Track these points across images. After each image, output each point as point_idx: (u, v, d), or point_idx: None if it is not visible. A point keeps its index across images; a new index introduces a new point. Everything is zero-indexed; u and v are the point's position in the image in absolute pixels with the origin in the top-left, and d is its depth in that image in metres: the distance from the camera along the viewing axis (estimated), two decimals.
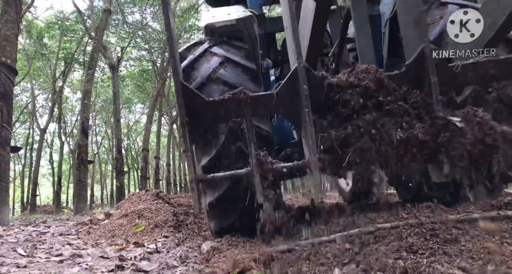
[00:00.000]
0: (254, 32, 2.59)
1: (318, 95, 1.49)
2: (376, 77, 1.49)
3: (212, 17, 2.55)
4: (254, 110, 1.57)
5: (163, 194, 4.63)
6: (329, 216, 2.54)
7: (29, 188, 21.54)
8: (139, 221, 3.64)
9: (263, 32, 3.58)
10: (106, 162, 35.59)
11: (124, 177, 16.39)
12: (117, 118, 14.64)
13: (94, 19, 14.21)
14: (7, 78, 5.57)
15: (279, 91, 1.53)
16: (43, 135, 20.56)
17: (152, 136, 24.59)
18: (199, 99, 1.52)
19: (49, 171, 33.14)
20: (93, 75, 12.33)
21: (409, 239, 1.54)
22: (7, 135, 5.49)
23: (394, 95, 1.49)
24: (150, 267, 1.90)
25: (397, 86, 1.51)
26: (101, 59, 18.10)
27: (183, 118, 1.44)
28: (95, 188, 35.14)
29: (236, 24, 2.48)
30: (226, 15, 2.54)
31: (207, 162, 2.18)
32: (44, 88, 23.81)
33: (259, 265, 1.55)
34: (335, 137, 1.45)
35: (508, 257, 1.31)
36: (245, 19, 2.49)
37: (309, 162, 1.47)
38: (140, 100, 28.69)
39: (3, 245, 2.71)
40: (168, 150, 23.68)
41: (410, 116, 1.45)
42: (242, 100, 1.51)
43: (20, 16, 6.75)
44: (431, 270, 1.23)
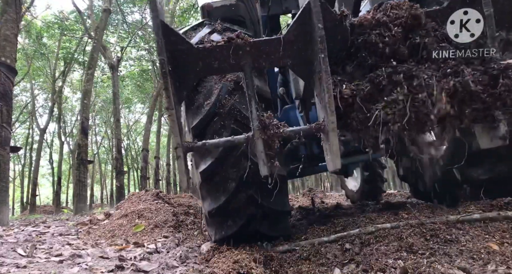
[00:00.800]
0: (256, 14, 2.30)
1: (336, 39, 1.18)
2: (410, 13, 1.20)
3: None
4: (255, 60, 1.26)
5: (163, 194, 4.63)
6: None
7: (29, 188, 21.52)
8: (139, 221, 3.64)
9: (266, 14, 3.25)
10: (106, 162, 35.58)
11: (124, 177, 16.38)
12: (117, 118, 14.64)
13: (93, 19, 14.20)
14: (6, 78, 5.57)
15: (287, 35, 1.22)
16: (42, 135, 20.55)
17: (152, 136, 24.60)
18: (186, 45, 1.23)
19: (48, 171, 33.16)
20: (93, 75, 12.33)
21: (409, 239, 1.54)
22: (6, 135, 5.49)
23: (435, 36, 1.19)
24: (150, 267, 1.90)
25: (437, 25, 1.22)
26: (101, 59, 18.09)
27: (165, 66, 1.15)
28: (95, 188, 35.13)
29: (236, 5, 2.19)
30: None
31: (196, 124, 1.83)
32: (44, 88, 23.80)
33: (259, 265, 1.55)
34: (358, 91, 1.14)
35: (508, 257, 1.31)
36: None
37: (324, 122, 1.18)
38: (140, 100, 28.68)
39: (2, 245, 2.71)
40: (168, 150, 23.65)
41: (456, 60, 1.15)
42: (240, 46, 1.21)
43: (19, 16, 6.74)
44: (431, 270, 1.23)
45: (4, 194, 5.35)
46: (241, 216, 1.92)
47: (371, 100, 1.16)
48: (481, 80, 1.10)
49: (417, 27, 1.22)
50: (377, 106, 1.15)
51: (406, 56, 1.21)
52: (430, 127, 1.16)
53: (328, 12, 1.16)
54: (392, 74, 1.15)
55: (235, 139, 1.29)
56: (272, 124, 1.24)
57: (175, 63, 1.22)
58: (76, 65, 20.53)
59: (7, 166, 5.53)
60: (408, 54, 1.21)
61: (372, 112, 1.14)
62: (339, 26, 1.21)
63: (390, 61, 1.19)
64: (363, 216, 2.33)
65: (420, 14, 1.22)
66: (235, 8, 2.21)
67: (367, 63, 1.22)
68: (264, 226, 2.00)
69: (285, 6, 3.46)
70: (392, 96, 1.14)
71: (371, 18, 1.24)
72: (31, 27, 17.58)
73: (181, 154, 1.21)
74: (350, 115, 1.18)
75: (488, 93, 1.10)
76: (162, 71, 1.18)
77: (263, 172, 1.25)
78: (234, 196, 1.82)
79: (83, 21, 15.27)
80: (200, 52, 1.25)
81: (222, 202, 1.85)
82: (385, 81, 1.15)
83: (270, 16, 3.31)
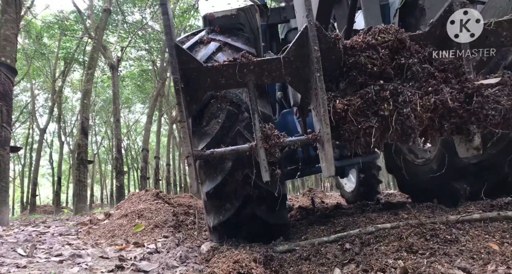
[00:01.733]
0: (256, 23, 2.44)
1: (330, 60, 1.33)
2: (396, 37, 1.34)
3: (212, 7, 2.41)
4: (258, 77, 1.41)
5: (163, 194, 4.63)
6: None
7: (29, 188, 21.54)
8: (139, 221, 3.64)
9: (265, 23, 3.43)
10: (106, 162, 35.60)
11: (124, 177, 16.38)
12: (117, 118, 14.64)
13: (93, 19, 14.20)
14: (6, 78, 5.57)
15: (286, 56, 1.37)
16: (42, 135, 20.55)
17: (152, 136, 24.61)
18: (196, 63, 1.38)
19: (48, 171, 33.20)
20: (93, 75, 12.33)
21: (409, 239, 1.54)
22: (6, 135, 5.49)
23: (418, 57, 1.33)
24: (150, 267, 1.90)
25: (420, 47, 1.35)
26: (101, 59, 18.10)
27: (178, 84, 1.29)
28: (95, 188, 35.15)
29: (236, 14, 2.35)
30: (226, 4, 2.40)
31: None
32: (44, 88, 23.81)
33: (259, 265, 1.55)
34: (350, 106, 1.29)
35: (508, 257, 1.31)
36: (247, 9, 2.36)
37: (320, 133, 1.32)
38: (140, 100, 28.70)
39: (3, 245, 2.71)
40: (168, 150, 23.67)
41: (436, 80, 1.28)
42: (245, 65, 1.36)
43: (19, 16, 6.75)
44: (431, 270, 1.23)
45: (4, 194, 5.35)
46: (238, 197, 1.98)
47: (361, 114, 1.30)
48: (458, 97, 1.24)
49: (402, 49, 1.35)
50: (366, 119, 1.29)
51: (392, 75, 1.34)
52: (413, 138, 1.29)
53: (323, 35, 1.29)
54: (380, 91, 1.28)
55: (239, 148, 1.44)
56: (273, 134, 1.39)
57: (186, 80, 1.36)
58: (76, 65, 20.54)
59: (7, 166, 5.53)
60: (394, 74, 1.34)
61: (362, 124, 1.28)
62: (333, 48, 1.34)
63: (378, 80, 1.32)
64: (363, 216, 2.33)
65: (405, 38, 1.35)
66: (235, 18, 2.36)
67: (357, 81, 1.35)
68: (261, 210, 2.04)
69: (283, 16, 3.65)
70: (380, 110, 1.27)
71: (361, 41, 1.37)
72: (31, 27, 17.59)
73: (192, 162, 1.34)
74: (343, 127, 1.31)
75: (464, 109, 1.24)
76: (176, 88, 1.30)
77: (265, 178, 1.37)
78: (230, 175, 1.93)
79: (83, 21, 15.28)
80: (209, 70, 1.39)
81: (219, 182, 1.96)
82: (373, 97, 1.29)
83: (269, 25, 3.50)
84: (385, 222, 2.04)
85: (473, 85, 1.25)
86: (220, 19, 2.37)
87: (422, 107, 1.23)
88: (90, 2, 14.93)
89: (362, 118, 1.29)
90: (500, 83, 1.23)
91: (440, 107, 1.23)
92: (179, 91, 1.28)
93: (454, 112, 1.25)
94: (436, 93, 1.26)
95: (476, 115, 1.23)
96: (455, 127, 1.28)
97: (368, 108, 1.29)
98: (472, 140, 1.26)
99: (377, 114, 1.28)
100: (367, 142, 1.30)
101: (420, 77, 1.30)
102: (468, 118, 1.24)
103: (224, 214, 2.04)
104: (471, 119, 1.24)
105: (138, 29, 17.90)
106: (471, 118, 1.24)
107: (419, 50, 1.36)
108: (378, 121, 1.28)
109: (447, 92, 1.24)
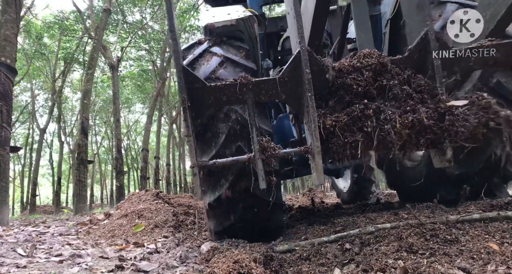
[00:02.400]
0: (254, 32, 2.58)
1: (321, 80, 1.49)
2: (379, 61, 1.49)
3: (212, 17, 2.53)
4: (256, 95, 1.57)
5: (163, 194, 4.63)
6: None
7: (29, 188, 21.53)
8: (139, 221, 3.64)
9: (263, 32, 3.61)
10: (106, 162, 35.59)
11: (124, 177, 16.38)
12: (117, 118, 14.64)
13: (93, 19, 14.20)
14: (6, 78, 5.57)
15: (281, 76, 1.52)
16: (42, 135, 20.55)
17: (152, 136, 24.60)
18: (201, 84, 1.52)
19: (48, 171, 33.18)
20: (93, 75, 12.33)
21: (409, 239, 1.54)
22: (6, 135, 5.49)
23: (398, 79, 1.48)
24: (150, 267, 1.90)
25: (400, 70, 1.50)
26: (101, 59, 18.09)
27: (185, 103, 1.44)
28: (95, 188, 35.16)
29: (236, 24, 2.47)
30: (226, 15, 2.51)
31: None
32: (44, 88, 23.80)
33: (259, 265, 1.55)
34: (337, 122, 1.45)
35: (508, 257, 1.31)
36: (245, 19, 2.47)
37: (311, 146, 1.46)
38: (140, 100, 28.69)
39: (2, 245, 2.71)
40: (168, 150, 23.66)
41: (414, 100, 1.43)
42: (244, 85, 1.51)
43: (19, 16, 6.74)
44: (431, 270, 1.23)
45: (4, 194, 5.35)
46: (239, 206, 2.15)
47: (347, 129, 1.45)
48: (432, 116, 1.40)
49: (384, 72, 1.49)
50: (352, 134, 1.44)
51: (375, 95, 1.49)
52: (393, 151, 1.44)
53: (314, 59, 1.45)
54: (364, 110, 1.43)
55: (239, 158, 1.58)
56: (270, 147, 1.53)
57: (192, 98, 1.51)
58: (76, 65, 20.52)
59: (7, 166, 5.53)
60: (376, 94, 1.49)
61: (348, 139, 1.43)
62: (323, 70, 1.49)
63: (363, 99, 1.48)
64: (363, 216, 2.33)
65: (387, 61, 1.50)
66: (235, 27, 2.51)
67: (345, 99, 1.50)
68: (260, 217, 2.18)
69: (280, 25, 3.85)
70: (364, 126, 1.43)
71: (348, 64, 1.52)
72: (31, 27, 17.58)
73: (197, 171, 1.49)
74: (332, 141, 1.46)
75: (438, 126, 1.39)
76: (183, 106, 1.46)
77: (261, 186, 1.51)
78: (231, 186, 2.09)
79: (83, 21, 15.27)
80: (212, 89, 1.54)
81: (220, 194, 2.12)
82: (358, 114, 1.44)
83: (266, 34, 3.72)
84: (385, 222, 2.04)
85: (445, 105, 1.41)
86: (220, 29, 2.49)
87: (401, 124, 1.38)
88: (90, 2, 14.92)
89: (349, 133, 1.44)
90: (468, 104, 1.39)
91: (416, 124, 1.39)
92: (186, 108, 1.43)
93: (429, 129, 1.40)
94: (414, 112, 1.41)
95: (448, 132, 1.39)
96: (430, 142, 1.43)
97: (353, 124, 1.44)
98: (445, 153, 1.42)
99: (361, 129, 1.43)
100: (353, 154, 1.45)
101: (400, 97, 1.45)
102: (441, 134, 1.40)
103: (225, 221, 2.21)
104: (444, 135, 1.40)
105: (138, 29, 17.89)
106: (444, 134, 1.39)
107: (399, 73, 1.50)
108: (363, 136, 1.43)
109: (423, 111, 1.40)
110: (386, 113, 1.41)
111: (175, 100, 23.03)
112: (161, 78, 17.71)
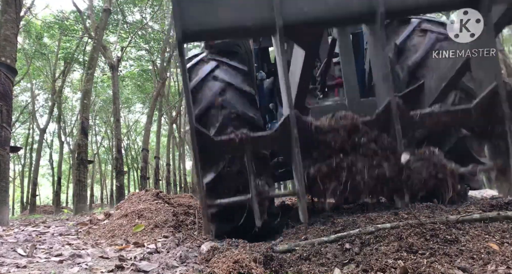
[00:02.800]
0: (250, 47, 2.90)
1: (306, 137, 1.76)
2: (352, 122, 1.76)
3: None
4: (254, 147, 1.86)
5: (163, 194, 4.63)
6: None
7: (29, 188, 21.54)
8: (139, 221, 3.64)
9: (258, 47, 4.05)
10: (106, 162, 35.58)
11: (124, 177, 16.40)
12: (117, 118, 14.64)
13: (93, 19, 14.20)
14: (6, 78, 5.57)
15: (274, 133, 1.82)
16: (42, 135, 20.56)
17: (152, 136, 24.59)
18: (209, 139, 1.82)
19: (48, 171, 33.17)
20: (93, 75, 12.34)
21: (409, 239, 1.54)
22: (6, 135, 5.49)
23: (367, 138, 1.74)
24: (150, 267, 1.90)
25: (369, 130, 1.76)
26: (101, 59, 18.09)
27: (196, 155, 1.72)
28: (95, 188, 35.17)
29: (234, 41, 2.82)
30: None
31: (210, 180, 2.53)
32: (44, 88, 23.81)
33: (259, 265, 1.55)
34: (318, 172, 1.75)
35: (508, 257, 1.31)
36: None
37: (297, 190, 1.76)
38: (140, 100, 28.69)
39: (2, 245, 2.71)
40: (168, 150, 23.67)
41: (379, 156, 1.70)
42: (244, 140, 1.79)
43: (19, 16, 6.75)
44: (431, 270, 1.23)
45: (4, 194, 5.36)
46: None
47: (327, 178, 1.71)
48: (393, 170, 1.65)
49: (356, 131, 1.75)
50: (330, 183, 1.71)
51: (349, 151, 1.74)
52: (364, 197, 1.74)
53: (301, 120, 1.72)
54: (340, 163, 1.69)
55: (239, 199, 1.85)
56: (264, 190, 1.79)
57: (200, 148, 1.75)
58: (76, 65, 20.51)
59: (7, 166, 5.54)
60: (350, 149, 1.74)
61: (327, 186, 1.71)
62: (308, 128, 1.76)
63: (339, 153, 1.73)
64: (363, 216, 2.33)
65: (358, 122, 1.76)
66: (231, 42, 2.84)
67: (325, 153, 1.76)
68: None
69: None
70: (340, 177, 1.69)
71: (327, 124, 1.79)
72: (31, 27, 17.58)
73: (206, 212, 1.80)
74: (314, 186, 1.72)
75: (398, 178, 1.64)
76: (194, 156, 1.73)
77: (257, 224, 1.72)
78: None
79: (83, 21, 15.27)
80: (218, 142, 1.79)
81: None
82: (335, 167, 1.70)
83: (261, 48, 4.14)
84: (385, 222, 2.04)
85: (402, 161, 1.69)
86: (219, 44, 2.83)
87: (369, 176, 1.65)
88: (90, 2, 14.93)
89: (327, 181, 1.71)
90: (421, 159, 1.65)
91: (381, 176, 1.65)
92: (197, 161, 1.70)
93: (391, 180, 1.66)
94: (379, 166, 1.67)
95: (405, 182, 1.64)
96: (392, 190, 1.71)
97: (331, 174, 1.70)
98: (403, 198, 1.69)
99: (338, 179, 1.69)
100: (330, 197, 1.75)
101: (368, 154, 1.70)
102: (400, 184, 1.66)
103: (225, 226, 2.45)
104: (402, 185, 1.66)
105: (138, 29, 17.90)
106: (402, 184, 1.66)
107: (368, 132, 1.75)
108: (339, 184, 1.68)
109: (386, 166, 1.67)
110: (357, 167, 1.68)
111: (175, 100, 23.04)
112: (161, 78, 17.71)
